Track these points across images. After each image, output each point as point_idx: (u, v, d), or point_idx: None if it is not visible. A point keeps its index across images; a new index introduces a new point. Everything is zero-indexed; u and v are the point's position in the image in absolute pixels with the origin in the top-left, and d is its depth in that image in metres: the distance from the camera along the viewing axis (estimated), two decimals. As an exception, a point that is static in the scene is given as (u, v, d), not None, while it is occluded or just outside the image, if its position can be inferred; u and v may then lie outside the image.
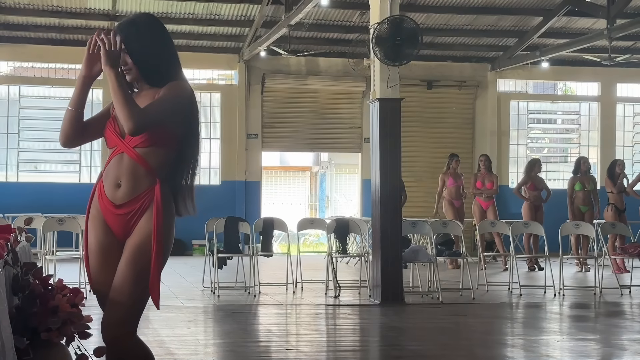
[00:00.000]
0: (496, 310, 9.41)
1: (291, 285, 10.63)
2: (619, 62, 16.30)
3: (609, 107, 19.10)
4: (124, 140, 3.60)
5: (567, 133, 19.83)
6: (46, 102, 17.31)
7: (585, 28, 16.90)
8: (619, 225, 11.81)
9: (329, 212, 21.32)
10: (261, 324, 8.48)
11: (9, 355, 3.23)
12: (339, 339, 7.80)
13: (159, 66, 3.67)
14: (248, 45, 16.92)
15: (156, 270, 3.56)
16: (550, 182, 15.43)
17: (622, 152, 18.81)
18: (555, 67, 18.03)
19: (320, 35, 17.12)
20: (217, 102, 17.84)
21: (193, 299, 9.83)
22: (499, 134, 18.52)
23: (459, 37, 17.54)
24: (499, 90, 18.69)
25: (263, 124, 17.82)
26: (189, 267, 13.80)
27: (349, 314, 9.03)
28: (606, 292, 10.53)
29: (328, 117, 17.93)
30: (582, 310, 9.70)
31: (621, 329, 8.11)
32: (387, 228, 9.55)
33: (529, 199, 13.94)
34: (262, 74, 17.62)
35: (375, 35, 9.59)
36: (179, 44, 17.21)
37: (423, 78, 18.02)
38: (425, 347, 7.05)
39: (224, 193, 17.55)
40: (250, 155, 17.72)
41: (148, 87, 3.67)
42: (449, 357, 6.58)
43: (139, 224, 3.57)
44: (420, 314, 9.09)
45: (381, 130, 9.66)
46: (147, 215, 3.57)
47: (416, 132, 17.18)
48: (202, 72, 18.16)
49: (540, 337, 7.63)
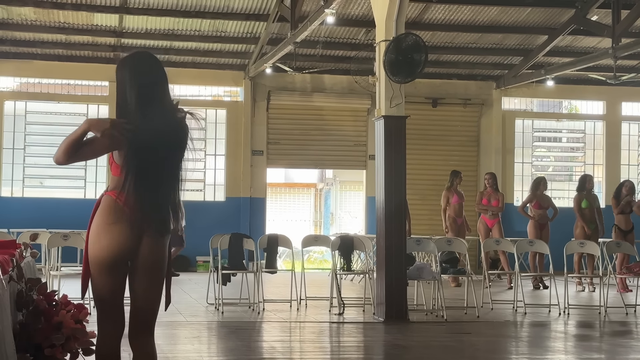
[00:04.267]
0: (501, 328, 9.38)
1: (295, 302, 10.61)
2: (624, 81, 16.30)
3: (614, 126, 19.10)
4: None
5: (572, 151, 19.82)
6: (52, 118, 17.36)
7: (590, 47, 16.93)
8: (624, 244, 11.78)
9: (333, 229, 21.30)
10: (265, 341, 8.46)
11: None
12: (342, 357, 7.77)
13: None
14: (254, 62, 16.97)
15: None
16: (555, 200, 15.39)
17: (627, 171, 18.80)
18: (561, 85, 18.05)
19: (326, 53, 17.18)
20: (222, 118, 17.87)
21: (197, 315, 9.81)
22: (504, 152, 18.52)
23: (464, 55, 17.59)
24: (504, 108, 18.70)
25: (268, 141, 17.85)
26: (193, 284, 13.79)
27: (353, 331, 9.00)
28: (611, 311, 10.49)
29: (333, 134, 17.95)
30: (587, 329, 9.66)
31: (627, 349, 8.07)
32: (392, 245, 9.53)
33: (533, 217, 13.91)
34: (268, 91, 17.67)
35: (380, 53, 9.61)
36: (185, 61, 17.34)
37: (428, 96, 18.05)
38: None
39: (229, 209, 17.55)
40: (255, 171, 17.74)
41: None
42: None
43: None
44: (424, 331, 9.06)
45: (386, 148, 9.67)
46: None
47: (421, 149, 17.19)
48: (208, 89, 18.21)
49: (545, 356, 7.60)
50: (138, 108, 3.85)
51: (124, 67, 3.95)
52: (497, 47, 17.26)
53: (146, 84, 3.88)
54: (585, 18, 15.30)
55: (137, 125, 3.82)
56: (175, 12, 15.52)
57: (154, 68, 3.96)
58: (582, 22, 15.39)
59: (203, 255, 16.35)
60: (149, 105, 3.87)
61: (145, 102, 3.87)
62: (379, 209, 9.74)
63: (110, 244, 3.83)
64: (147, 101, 3.87)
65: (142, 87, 3.87)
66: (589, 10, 15.15)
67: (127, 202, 3.84)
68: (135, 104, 3.85)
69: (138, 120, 3.83)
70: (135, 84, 3.87)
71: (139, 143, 3.83)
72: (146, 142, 3.84)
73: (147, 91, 3.88)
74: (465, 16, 15.82)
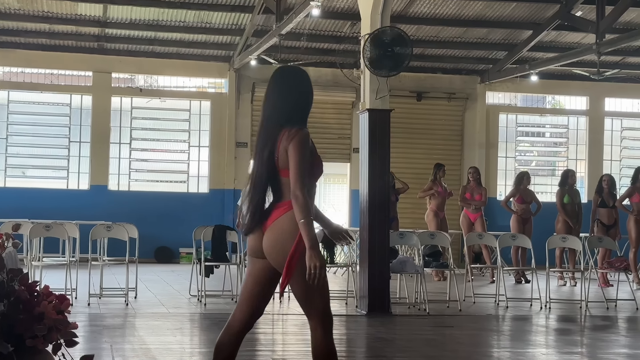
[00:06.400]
0: (483, 322, 9.42)
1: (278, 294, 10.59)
2: (608, 76, 16.37)
3: (597, 122, 19.19)
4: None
5: (555, 146, 19.91)
6: (35, 108, 17.27)
7: (574, 42, 16.99)
8: (605, 239, 11.85)
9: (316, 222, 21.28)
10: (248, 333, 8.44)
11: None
12: (325, 349, 7.77)
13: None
14: (239, 54, 16.93)
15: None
16: (538, 195, 15.47)
17: (609, 167, 18.90)
18: (545, 80, 18.11)
19: (311, 45, 17.16)
20: (206, 110, 17.83)
21: (179, 307, 9.80)
22: (488, 146, 18.57)
23: (449, 50, 17.62)
24: (488, 102, 18.75)
25: (252, 133, 17.80)
26: (176, 275, 13.77)
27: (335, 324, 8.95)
28: (592, 305, 10.56)
29: (317, 127, 17.89)
30: (568, 323, 9.72)
31: (607, 343, 8.13)
32: (375, 238, 9.55)
33: (516, 211, 13.97)
34: (252, 83, 17.63)
35: (365, 46, 9.61)
36: (169, 52, 17.26)
37: (413, 89, 18.07)
38: (411, 359, 7.05)
39: (213, 201, 17.53)
40: (239, 163, 17.71)
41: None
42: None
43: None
44: (406, 325, 9.09)
45: (370, 141, 9.67)
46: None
47: (405, 143, 17.20)
48: (192, 80, 18.16)
49: (527, 350, 7.64)
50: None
51: (308, 79, 4.28)
52: (481, 41, 17.30)
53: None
54: (569, 13, 15.36)
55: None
56: (159, 2, 15.46)
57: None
58: (566, 17, 15.44)
59: (186, 247, 16.32)
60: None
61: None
62: (363, 202, 9.75)
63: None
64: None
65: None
66: (574, 5, 15.21)
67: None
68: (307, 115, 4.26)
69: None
70: (312, 97, 4.28)
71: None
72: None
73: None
74: (451, 10, 15.84)
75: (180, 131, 17.93)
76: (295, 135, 4.07)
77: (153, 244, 16.72)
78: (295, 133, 4.08)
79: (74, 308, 4.15)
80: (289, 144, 4.04)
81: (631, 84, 18.61)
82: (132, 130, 17.61)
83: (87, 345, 6.70)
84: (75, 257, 10.00)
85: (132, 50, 17.28)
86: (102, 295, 10.15)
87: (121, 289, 10.25)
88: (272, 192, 4.12)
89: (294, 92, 4.20)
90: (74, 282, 9.72)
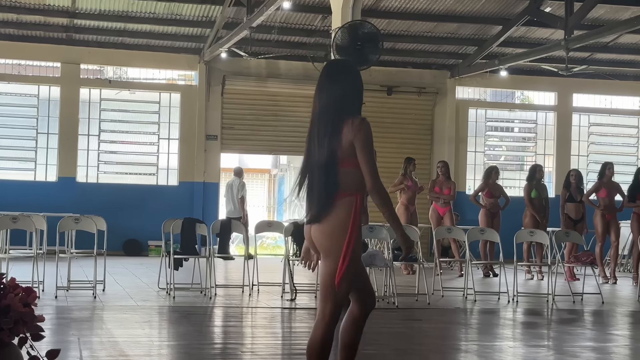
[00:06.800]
0: (451, 315, 9.47)
1: (247, 287, 10.61)
2: (576, 72, 16.54)
3: (565, 117, 19.36)
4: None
5: (523, 141, 20.06)
6: (2, 99, 17.08)
7: (543, 38, 17.13)
8: (572, 233, 11.96)
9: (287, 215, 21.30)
10: (216, 326, 8.44)
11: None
12: (294, 342, 7.79)
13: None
14: (209, 46, 16.86)
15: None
16: (507, 189, 15.58)
17: (577, 162, 19.09)
18: (514, 76, 18.24)
19: (282, 38, 17.13)
20: (176, 102, 17.75)
21: (148, 300, 9.76)
22: (457, 140, 18.67)
23: (419, 44, 17.68)
24: (457, 97, 18.85)
25: (222, 126, 17.77)
26: (145, 268, 13.71)
27: (305, 317, 9.03)
28: (559, 299, 10.66)
29: (288, 120, 17.93)
30: (535, 317, 9.80)
31: (573, 336, 8.22)
32: (345, 232, 9.54)
33: (485, 206, 14.05)
34: (223, 76, 17.57)
35: (336, 40, 9.61)
36: (139, 43, 17.15)
37: (383, 83, 18.11)
38: (380, 352, 7.08)
39: (182, 194, 17.47)
40: (209, 156, 17.66)
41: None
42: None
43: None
44: (375, 318, 9.09)
45: (340, 135, 9.66)
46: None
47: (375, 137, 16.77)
48: (162, 72, 18.07)
49: (494, 343, 7.70)
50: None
51: (359, 72, 4.40)
52: (452, 36, 17.38)
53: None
54: (539, 9, 15.47)
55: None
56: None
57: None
58: (535, 13, 15.56)
59: (155, 240, 16.26)
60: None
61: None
62: (333, 195, 9.74)
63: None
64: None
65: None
66: (543, 1, 15.33)
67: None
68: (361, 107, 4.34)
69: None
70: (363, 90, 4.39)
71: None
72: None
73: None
74: (421, 5, 15.89)
75: (149, 123, 17.83)
76: (361, 126, 4.16)
77: (122, 236, 16.63)
78: (360, 124, 4.16)
79: (41, 301, 4.12)
80: (355, 135, 4.13)
81: (599, 80, 18.81)
82: (100, 122, 17.49)
83: (54, 338, 6.66)
84: (42, 249, 9.91)
85: (101, 41, 17.14)
86: (69, 288, 10.07)
87: (89, 281, 10.18)
88: (330, 183, 4.14)
89: (348, 84, 4.29)
90: (41, 274, 9.63)
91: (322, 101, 4.29)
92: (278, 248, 19.78)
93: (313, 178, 4.18)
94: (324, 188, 4.12)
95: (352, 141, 4.13)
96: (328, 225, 4.11)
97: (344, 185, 4.13)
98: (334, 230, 4.09)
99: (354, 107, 4.28)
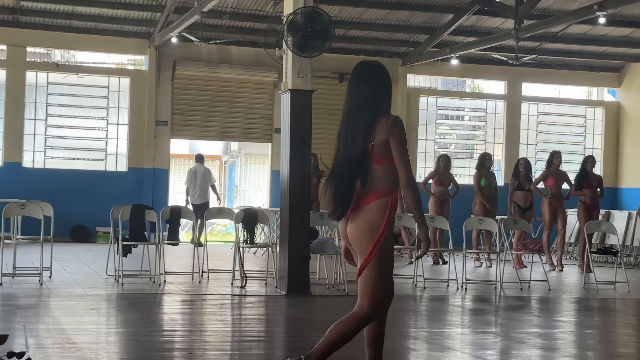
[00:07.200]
0: (400, 302, 9.51)
1: (197, 274, 10.54)
2: (525, 62, 16.70)
3: (514, 106, 19.56)
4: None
5: (473, 130, 20.22)
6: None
7: (494, 27, 17.26)
8: (521, 221, 12.10)
9: (237, 202, 21.24)
10: (165, 313, 8.37)
11: None
12: (244, 329, 7.76)
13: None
14: (159, 31, 16.66)
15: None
16: (457, 177, 15.70)
17: (525, 150, 19.31)
18: (464, 64, 18.36)
19: (233, 24, 16.99)
20: (125, 87, 17.53)
21: (96, 287, 9.64)
22: (408, 128, 18.73)
23: (371, 32, 17.69)
24: (409, 85, 18.92)
25: (173, 111, 17.60)
26: (93, 255, 13.54)
27: (254, 304, 9.00)
28: (507, 286, 10.78)
29: (239, 107, 17.83)
30: (483, 303, 9.91)
31: (520, 323, 8.32)
32: (296, 219, 9.54)
33: (435, 193, 14.14)
34: (173, 61, 17.40)
35: (287, 26, 9.56)
36: (87, 27, 16.87)
37: (335, 70, 18.09)
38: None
39: (131, 180, 17.28)
40: (158, 142, 17.49)
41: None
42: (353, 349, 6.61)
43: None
44: (325, 305, 9.13)
45: (292, 121, 9.64)
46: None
47: (327, 124, 17.15)
48: (111, 56, 17.83)
49: (443, 329, 7.76)
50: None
51: (388, 73, 4.62)
52: (403, 24, 17.42)
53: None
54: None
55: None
56: (78, -25, 15.10)
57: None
58: (486, 2, 15.66)
59: (103, 226, 16.06)
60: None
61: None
62: (284, 182, 9.73)
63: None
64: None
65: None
66: (494, -9, 15.42)
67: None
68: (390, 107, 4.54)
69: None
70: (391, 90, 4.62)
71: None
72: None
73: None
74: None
75: (98, 108, 17.58)
76: (395, 124, 4.34)
77: (69, 222, 16.43)
78: (394, 122, 4.35)
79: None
80: (390, 133, 4.31)
81: (548, 69, 19.02)
82: (48, 106, 17.20)
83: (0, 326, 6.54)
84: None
85: (49, 24, 16.83)
86: (15, 275, 9.90)
87: (35, 268, 10.02)
88: (360, 179, 4.33)
89: (377, 84, 4.50)
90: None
91: (352, 101, 4.47)
92: (228, 235, 19.70)
93: (345, 175, 4.37)
94: (353, 185, 4.32)
95: (386, 139, 4.30)
96: (362, 225, 4.31)
97: (377, 183, 4.33)
98: (368, 231, 4.30)
99: (384, 107, 4.46)
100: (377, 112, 4.40)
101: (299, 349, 6.52)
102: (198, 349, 6.36)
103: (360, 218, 4.31)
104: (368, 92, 4.44)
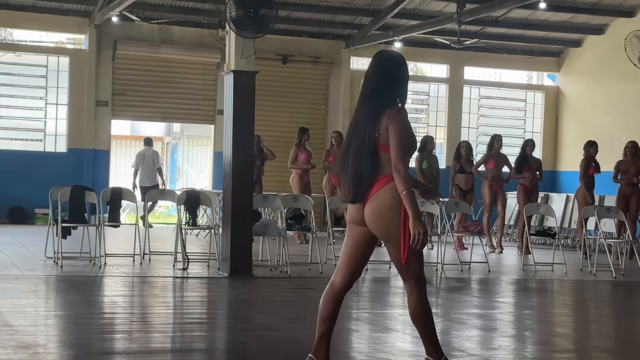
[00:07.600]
0: (343, 284, 9.55)
1: (138, 256, 10.44)
2: (467, 45, 16.82)
3: (456, 89, 19.73)
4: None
5: (416, 113, 20.34)
6: None
7: (436, 11, 17.36)
8: (462, 204, 12.24)
9: (179, 184, 21.07)
10: (106, 295, 8.28)
11: None
12: (186, 312, 7.73)
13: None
14: (99, 9, 16.38)
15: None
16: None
17: (467, 134, 19.50)
18: (407, 47, 18.40)
19: (175, 4, 16.79)
20: (65, 66, 17.21)
21: (34, 269, 9.49)
22: (352, 111, 18.72)
23: (315, 13, 17.64)
24: (352, 68, 18.93)
25: (114, 92, 17.35)
26: (31, 237, 13.32)
27: (197, 286, 8.96)
28: (447, 268, 10.91)
29: (181, 88, 17.66)
30: (424, 285, 9.99)
31: (460, 304, 8.43)
32: (238, 201, 9.51)
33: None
34: (114, 40, 17.13)
35: (230, 6, 9.48)
36: (25, 4, 16.51)
37: (278, 52, 18.02)
38: (272, 320, 7.09)
39: (71, 161, 17.02)
40: (99, 122, 17.24)
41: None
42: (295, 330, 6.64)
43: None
44: (268, 287, 9.14)
45: (235, 103, 9.59)
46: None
47: (270, 106, 17.16)
48: (50, 35, 17.48)
49: (385, 310, 7.82)
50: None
51: (406, 64, 4.72)
52: (347, 6, 17.40)
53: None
54: (433, -18, 15.64)
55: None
56: (15, -49, 14.75)
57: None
58: (430, -14, 15.72)
59: (42, 208, 15.77)
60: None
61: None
62: (227, 164, 9.69)
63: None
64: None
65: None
66: (437, -26, 15.49)
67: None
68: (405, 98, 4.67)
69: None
70: (408, 81, 4.72)
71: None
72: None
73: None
74: (317, -26, 15.83)
75: (36, 88, 17.23)
76: (397, 114, 4.47)
77: (6, 204, 16.15)
78: (396, 112, 4.48)
79: None
80: (390, 122, 4.44)
81: (489, 53, 19.19)
82: (-16, 85, 16.81)
83: None
84: None
85: (-15, 1, 16.44)
86: (-50, 258, 9.70)
87: (-29, 250, 9.83)
88: (369, 166, 4.49)
89: (393, 75, 4.60)
90: None
91: (366, 89, 4.61)
92: (170, 217, 19.55)
93: (355, 161, 4.51)
94: (366, 170, 4.47)
95: (387, 127, 4.45)
96: (376, 208, 4.46)
97: (384, 169, 4.47)
98: (385, 214, 4.44)
99: (395, 97, 4.57)
100: (386, 102, 4.52)
101: (241, 331, 6.52)
102: (139, 331, 6.31)
103: (374, 202, 4.46)
104: (380, 82, 4.58)
